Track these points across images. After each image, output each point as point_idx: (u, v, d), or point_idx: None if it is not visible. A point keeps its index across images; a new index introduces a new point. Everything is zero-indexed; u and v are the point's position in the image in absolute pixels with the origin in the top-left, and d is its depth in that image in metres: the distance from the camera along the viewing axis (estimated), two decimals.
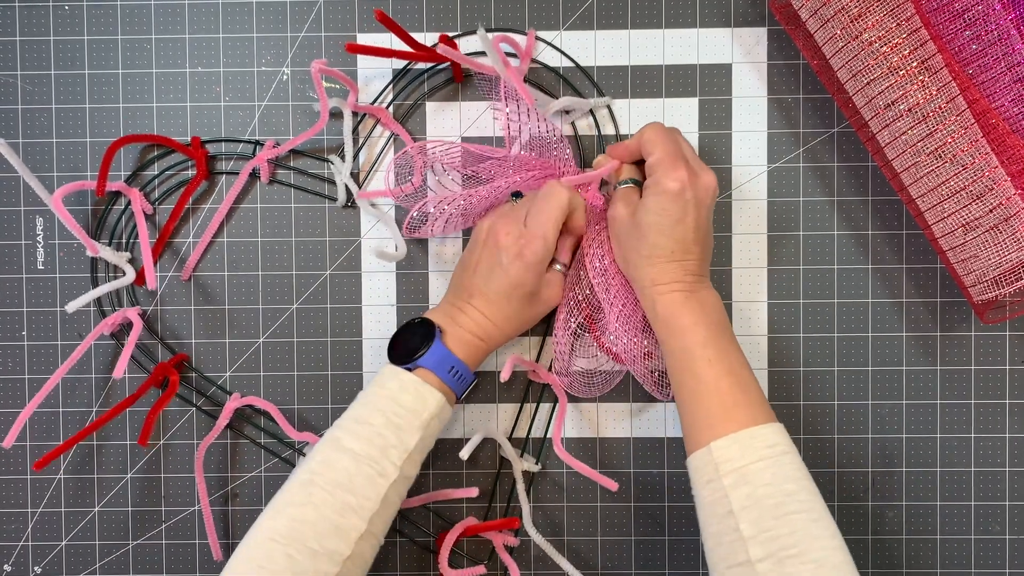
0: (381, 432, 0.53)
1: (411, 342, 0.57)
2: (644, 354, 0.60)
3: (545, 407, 0.65)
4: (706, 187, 0.56)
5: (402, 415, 0.54)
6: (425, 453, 0.56)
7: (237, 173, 0.64)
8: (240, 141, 0.65)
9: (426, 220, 0.62)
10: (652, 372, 0.61)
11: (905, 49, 0.53)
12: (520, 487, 0.63)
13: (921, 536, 0.65)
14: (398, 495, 0.54)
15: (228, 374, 0.65)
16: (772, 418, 0.52)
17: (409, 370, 0.56)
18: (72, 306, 0.58)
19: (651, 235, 0.55)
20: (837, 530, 0.49)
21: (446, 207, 0.60)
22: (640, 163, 0.59)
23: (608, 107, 0.64)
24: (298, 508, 0.51)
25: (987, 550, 0.64)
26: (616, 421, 0.65)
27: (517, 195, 0.61)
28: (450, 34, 0.63)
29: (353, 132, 0.64)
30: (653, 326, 0.57)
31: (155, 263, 0.64)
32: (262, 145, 0.64)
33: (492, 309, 0.58)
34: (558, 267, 0.61)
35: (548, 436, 0.65)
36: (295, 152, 0.65)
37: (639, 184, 0.59)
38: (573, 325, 0.62)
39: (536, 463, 0.65)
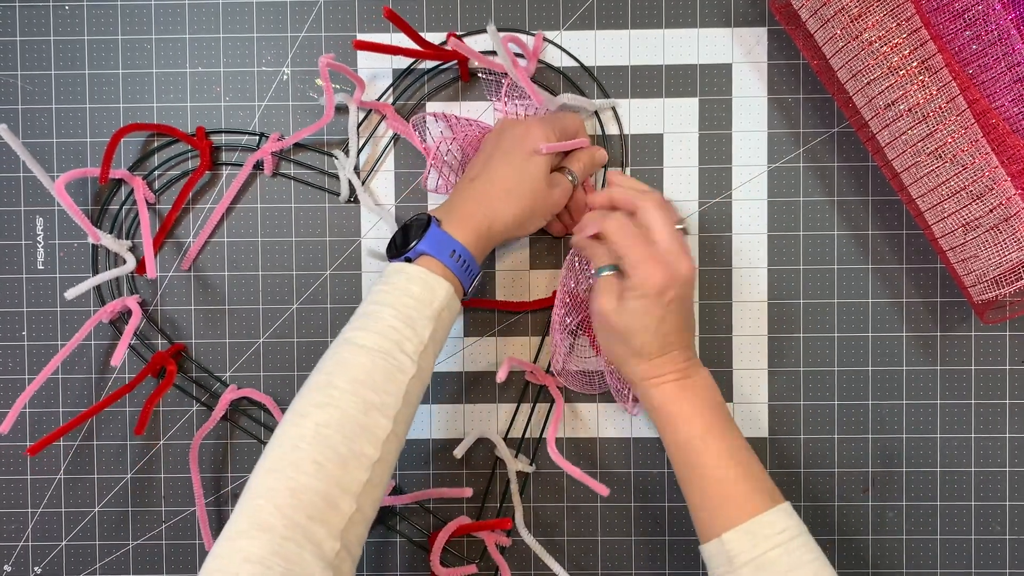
0: (393, 325, 0.51)
1: (408, 233, 0.55)
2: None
3: (544, 407, 0.65)
4: (686, 280, 0.54)
5: (412, 307, 0.51)
6: (439, 347, 0.54)
7: (241, 165, 0.64)
8: (245, 133, 0.65)
9: (438, 176, 0.62)
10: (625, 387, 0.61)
11: (905, 49, 0.53)
12: (513, 487, 0.63)
13: (921, 536, 0.65)
14: (417, 393, 0.52)
15: (228, 374, 0.65)
16: (778, 499, 0.52)
17: (410, 261, 0.54)
18: (72, 293, 0.58)
19: (638, 336, 0.54)
20: None
21: (449, 146, 0.61)
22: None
23: (613, 109, 0.64)
24: (321, 411, 0.48)
25: (987, 550, 0.64)
26: (616, 421, 0.65)
27: None
28: (453, 33, 0.63)
29: (357, 128, 0.64)
30: (650, 415, 0.56)
31: (156, 253, 0.64)
32: (267, 138, 0.64)
33: (493, 186, 0.56)
34: (569, 176, 0.60)
35: (544, 436, 0.65)
36: (299, 147, 0.65)
37: (616, 270, 0.57)
38: (571, 324, 0.62)
39: (530, 464, 0.65)
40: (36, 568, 0.66)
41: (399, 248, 0.54)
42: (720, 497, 0.52)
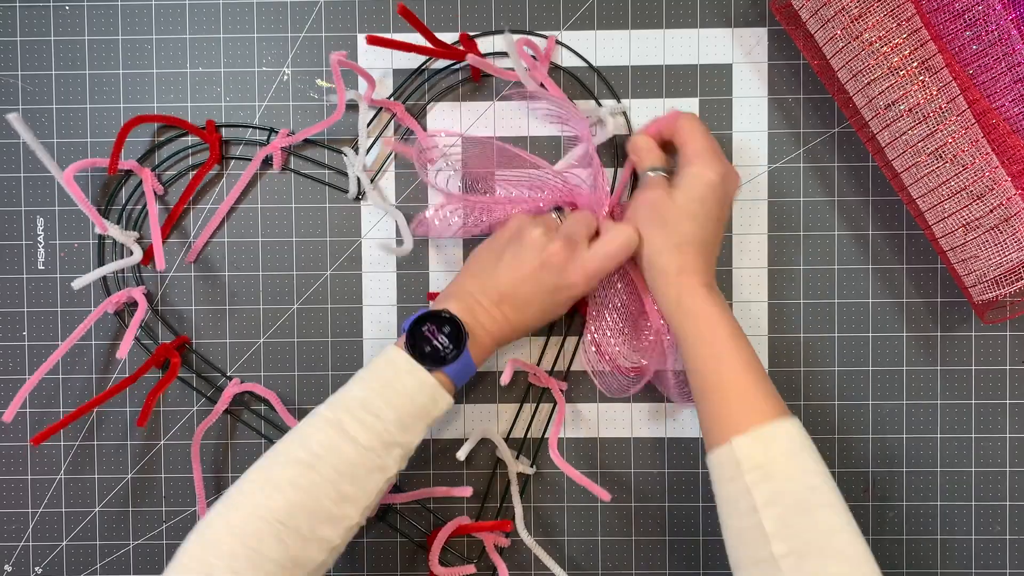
0: (389, 429, 0.52)
1: (439, 343, 0.54)
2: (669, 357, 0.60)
3: (545, 408, 0.65)
4: (735, 184, 0.57)
5: (414, 414, 0.53)
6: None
7: (249, 160, 0.64)
8: (255, 127, 0.65)
9: (434, 222, 0.62)
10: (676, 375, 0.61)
11: (905, 49, 0.53)
12: (514, 488, 0.63)
13: (921, 536, 0.65)
14: (386, 489, 0.53)
15: (229, 374, 0.65)
16: (788, 413, 0.52)
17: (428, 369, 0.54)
18: (79, 283, 0.58)
19: (685, 223, 0.55)
20: (854, 522, 0.49)
21: (452, 213, 0.61)
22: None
23: (624, 113, 0.64)
24: (297, 492, 0.49)
25: (987, 550, 0.64)
26: (616, 421, 0.65)
27: (559, 209, 0.61)
28: (466, 34, 0.63)
29: (367, 126, 0.63)
30: (672, 318, 0.55)
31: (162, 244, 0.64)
32: (276, 133, 0.64)
33: (517, 317, 0.57)
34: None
35: (545, 438, 0.65)
36: (307, 144, 0.65)
37: (667, 174, 0.58)
38: (610, 325, 0.62)
39: (531, 465, 0.65)
40: (37, 568, 0.66)
41: (431, 355, 0.54)
42: (736, 402, 0.52)
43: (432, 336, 0.55)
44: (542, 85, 0.62)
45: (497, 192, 0.62)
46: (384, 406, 0.52)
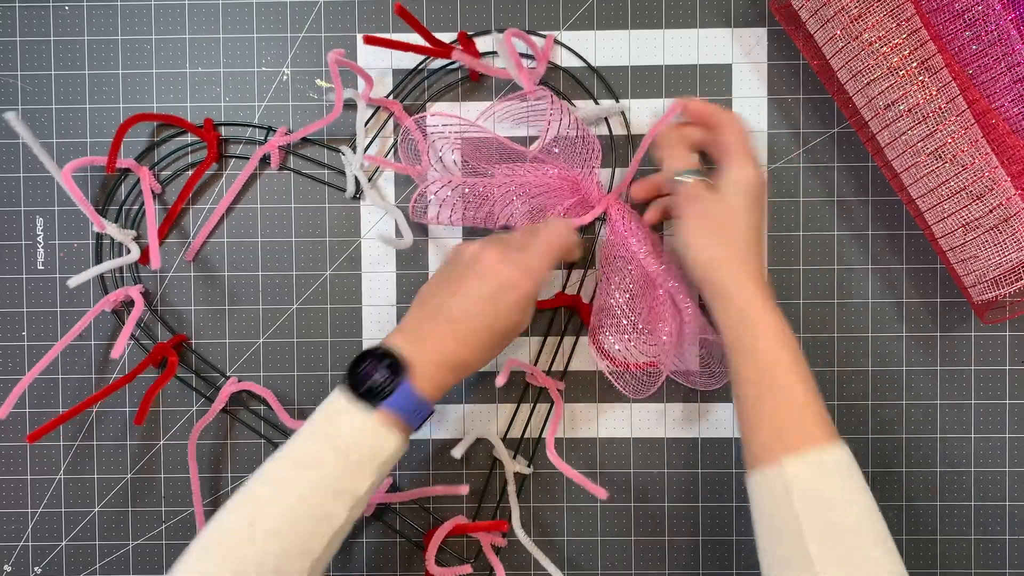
0: (332, 474, 0.49)
1: (375, 378, 0.51)
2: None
3: (543, 407, 0.65)
4: (765, 195, 0.58)
5: (359, 459, 0.49)
6: (376, 491, 0.53)
7: (247, 158, 0.64)
8: (253, 126, 0.65)
9: (428, 204, 0.62)
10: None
11: (905, 49, 0.53)
12: (511, 488, 0.63)
13: (921, 536, 0.65)
14: (341, 539, 0.50)
15: (229, 373, 0.65)
16: (838, 437, 0.51)
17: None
18: (75, 281, 0.58)
19: (746, 230, 0.54)
20: (898, 554, 0.49)
21: (449, 192, 0.60)
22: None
23: (623, 113, 0.64)
24: (241, 550, 0.47)
25: (987, 550, 0.64)
26: (615, 422, 0.65)
27: (506, 228, 0.61)
28: (464, 32, 0.63)
29: (365, 124, 0.63)
30: (732, 329, 0.53)
31: (160, 244, 0.64)
32: (274, 131, 0.64)
33: (472, 338, 0.53)
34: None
35: (544, 437, 0.65)
36: (305, 143, 0.65)
37: (700, 177, 0.57)
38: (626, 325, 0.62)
39: (528, 466, 0.65)
40: (36, 568, 0.66)
41: (365, 391, 0.51)
42: (791, 419, 0.50)
43: (369, 374, 0.51)
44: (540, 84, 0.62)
45: (496, 190, 0.62)
46: (325, 451, 0.49)
